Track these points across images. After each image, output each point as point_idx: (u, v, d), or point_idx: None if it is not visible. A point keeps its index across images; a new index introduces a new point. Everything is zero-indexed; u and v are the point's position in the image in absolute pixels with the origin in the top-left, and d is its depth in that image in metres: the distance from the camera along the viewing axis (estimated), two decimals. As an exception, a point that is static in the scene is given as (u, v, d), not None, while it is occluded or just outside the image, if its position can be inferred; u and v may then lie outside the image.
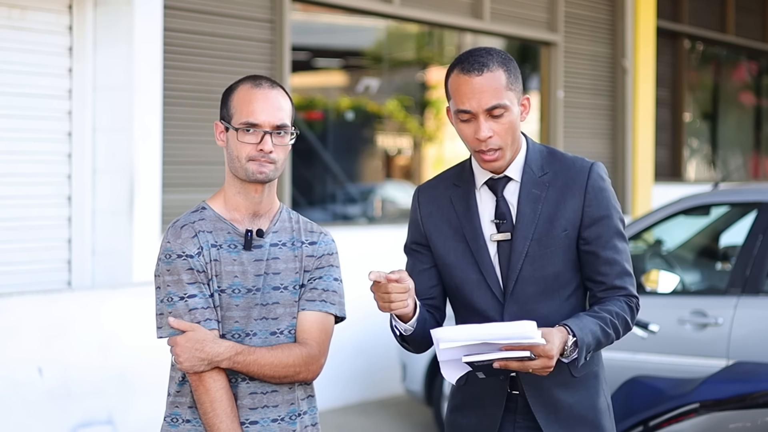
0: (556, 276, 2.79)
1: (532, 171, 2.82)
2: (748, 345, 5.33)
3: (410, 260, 2.94)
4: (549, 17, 9.59)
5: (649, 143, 10.54)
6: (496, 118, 2.72)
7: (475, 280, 2.81)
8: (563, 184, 2.80)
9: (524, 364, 2.58)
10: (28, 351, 5.44)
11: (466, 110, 2.73)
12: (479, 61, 2.72)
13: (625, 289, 2.82)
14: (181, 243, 2.69)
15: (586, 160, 2.85)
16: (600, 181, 2.81)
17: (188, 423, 2.72)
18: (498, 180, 2.83)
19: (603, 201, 2.80)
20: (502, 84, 2.72)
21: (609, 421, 2.89)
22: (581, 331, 2.68)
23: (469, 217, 2.83)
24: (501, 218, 2.81)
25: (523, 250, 2.78)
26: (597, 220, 2.79)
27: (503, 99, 2.71)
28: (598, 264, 2.80)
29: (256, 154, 2.69)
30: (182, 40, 6.69)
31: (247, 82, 2.74)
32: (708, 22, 12.24)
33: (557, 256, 2.79)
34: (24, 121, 5.95)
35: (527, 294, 2.78)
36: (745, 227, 5.84)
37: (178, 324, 2.65)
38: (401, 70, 10.04)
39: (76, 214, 6.15)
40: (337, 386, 7.40)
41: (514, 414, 2.83)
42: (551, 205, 2.79)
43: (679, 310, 5.60)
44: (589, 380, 2.83)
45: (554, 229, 2.78)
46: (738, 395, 4.17)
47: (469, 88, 2.71)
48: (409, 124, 9.83)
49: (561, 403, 2.80)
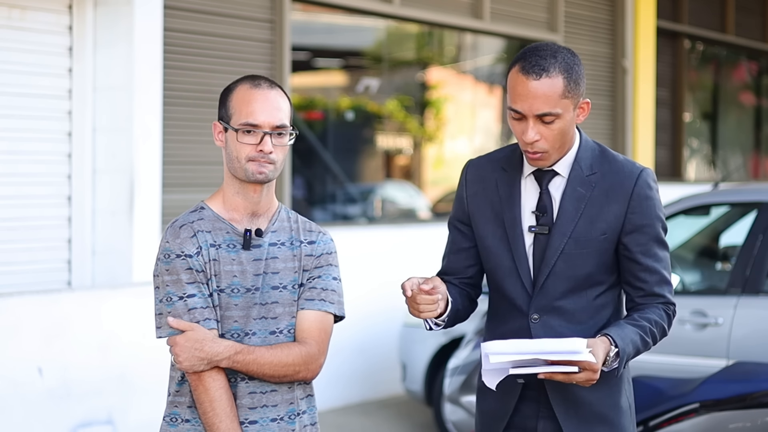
0: (588, 276, 2.79)
1: (580, 168, 2.80)
2: (748, 345, 5.33)
3: (452, 236, 2.96)
4: (549, 17, 9.59)
5: (649, 143, 10.54)
6: (546, 123, 2.70)
7: (508, 267, 2.82)
8: (609, 187, 2.79)
9: (569, 377, 2.60)
10: (28, 351, 5.44)
11: (516, 110, 2.71)
12: (540, 64, 2.67)
13: (663, 297, 2.82)
14: (179, 243, 2.69)
15: (636, 164, 2.82)
16: (647, 188, 2.78)
17: (187, 423, 2.72)
18: (545, 172, 2.82)
19: (647, 209, 2.78)
20: (558, 92, 2.67)
21: (629, 422, 2.88)
22: (623, 342, 2.68)
23: (510, 204, 2.83)
24: (542, 211, 2.80)
25: (559, 246, 2.77)
26: (639, 227, 2.78)
27: (556, 107, 2.68)
28: (637, 270, 2.79)
29: (255, 154, 2.69)
30: (182, 40, 6.69)
31: (245, 83, 2.74)
32: (708, 22, 12.24)
33: (592, 258, 2.78)
34: (24, 121, 5.95)
35: (557, 290, 2.78)
36: (745, 227, 5.84)
37: (178, 324, 2.65)
38: (401, 70, 10.03)
39: (76, 214, 6.15)
40: (337, 386, 7.40)
41: (537, 403, 2.83)
42: (594, 206, 2.78)
43: (679, 310, 5.54)
44: (611, 378, 2.81)
45: (594, 231, 2.77)
46: (738, 395, 4.17)
47: (524, 91, 2.68)
48: (409, 124, 9.83)
49: (581, 399, 2.79)
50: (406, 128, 9.87)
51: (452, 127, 10.23)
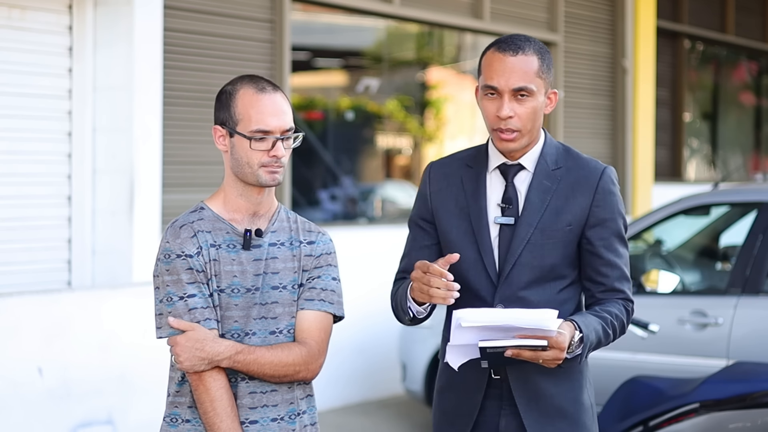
0: (552, 268, 2.83)
1: (546, 163, 2.87)
2: (748, 345, 5.33)
3: (413, 234, 2.99)
4: (549, 17, 9.59)
5: (649, 143, 10.54)
6: (520, 100, 2.78)
7: (472, 259, 2.85)
8: (575, 181, 2.85)
9: (536, 354, 2.62)
10: (28, 351, 5.44)
11: (493, 86, 2.78)
12: (516, 43, 2.80)
13: (623, 293, 2.87)
14: (180, 243, 2.69)
15: (600, 162, 2.90)
16: (611, 184, 2.86)
17: (188, 423, 2.72)
18: (511, 166, 2.88)
19: (611, 204, 2.86)
20: (533, 69, 2.78)
21: (591, 420, 2.91)
22: (587, 329, 2.72)
23: (476, 197, 2.88)
24: (507, 203, 2.86)
25: (525, 236, 2.82)
26: (602, 221, 2.84)
27: (531, 83, 2.77)
28: (599, 265, 2.85)
29: (268, 160, 2.69)
30: (182, 40, 6.69)
31: (248, 86, 2.72)
32: (708, 22, 12.24)
33: (557, 249, 2.83)
34: (24, 121, 5.95)
35: (521, 280, 2.82)
36: (745, 227, 5.84)
37: (178, 324, 2.65)
38: (401, 70, 10.03)
39: (76, 214, 6.15)
40: (337, 386, 7.40)
41: (500, 400, 2.86)
42: (560, 199, 2.84)
43: (679, 310, 5.60)
44: (574, 373, 2.86)
45: (559, 222, 2.83)
46: (738, 395, 4.17)
47: (501, 66, 2.77)
48: (409, 124, 9.83)
49: (543, 391, 2.83)
50: (406, 128, 9.87)
51: (452, 127, 10.23)
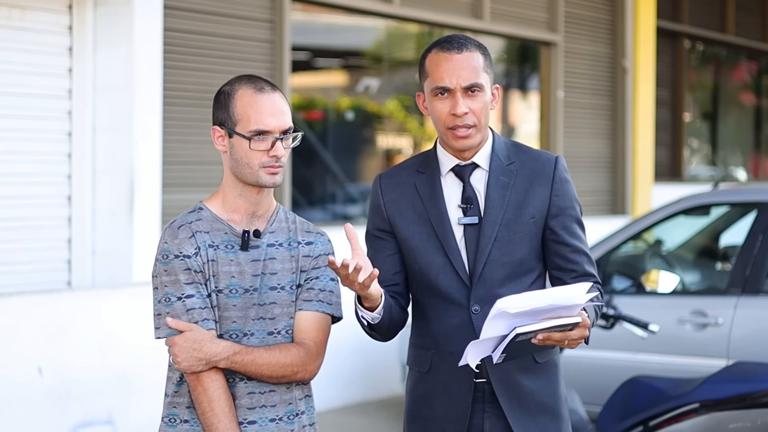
0: (522, 262, 2.84)
1: (499, 159, 2.88)
2: (748, 345, 5.33)
3: (372, 247, 2.95)
4: (549, 17, 9.59)
5: (649, 143, 10.54)
6: (472, 96, 2.79)
7: (441, 263, 2.84)
8: (530, 173, 2.87)
9: (565, 335, 2.59)
10: (28, 351, 5.44)
11: (444, 87, 2.78)
12: (459, 41, 2.82)
13: (594, 276, 2.90)
14: (178, 243, 2.69)
15: (549, 153, 2.92)
16: (565, 173, 2.90)
17: (186, 423, 2.73)
18: (465, 167, 2.88)
19: (567, 192, 2.88)
20: (479, 64, 2.81)
21: (566, 411, 2.95)
22: (588, 309, 2.73)
23: (434, 201, 2.87)
24: (468, 202, 2.85)
25: (492, 234, 2.82)
26: (563, 210, 2.87)
27: (480, 79, 2.80)
28: (567, 252, 2.86)
29: (268, 159, 2.69)
30: (182, 40, 6.70)
31: (246, 87, 2.72)
32: (708, 22, 12.24)
33: (524, 242, 2.84)
34: (24, 121, 5.96)
35: (494, 278, 2.82)
36: (745, 227, 5.84)
37: (176, 324, 2.65)
38: (401, 70, 10.03)
39: (76, 214, 6.15)
40: (337, 386, 7.40)
41: (482, 403, 2.86)
42: (519, 193, 2.85)
43: (679, 310, 5.61)
44: (550, 368, 2.89)
45: (522, 216, 2.84)
46: (738, 395, 4.17)
47: (449, 65, 2.78)
48: (409, 124, 9.83)
49: (523, 388, 2.84)
50: (406, 128, 9.87)
51: (452, 127, 10.21)
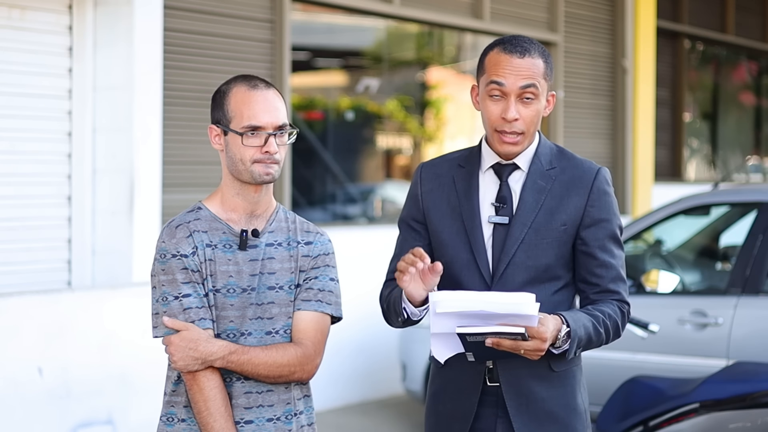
0: (547, 268, 2.80)
1: (540, 163, 2.85)
2: (748, 345, 5.33)
3: (403, 235, 2.95)
4: (549, 17, 9.59)
5: (649, 143, 10.53)
6: (526, 103, 2.76)
7: (465, 259, 2.82)
8: (569, 181, 2.83)
9: (517, 344, 2.58)
10: (28, 351, 5.44)
11: (500, 82, 2.75)
12: (523, 45, 2.78)
13: (618, 294, 2.83)
14: (175, 243, 2.69)
15: (594, 163, 2.88)
16: (605, 185, 2.84)
17: (183, 422, 2.73)
18: (505, 166, 2.85)
19: (605, 204, 2.83)
20: (540, 71, 2.77)
21: (583, 426, 2.86)
22: (575, 324, 2.69)
23: (468, 196, 2.85)
24: (501, 202, 2.83)
25: (519, 236, 2.79)
26: (597, 221, 2.81)
27: (537, 87, 2.76)
28: (593, 266, 2.81)
29: (261, 156, 2.69)
30: (182, 40, 6.69)
31: (240, 85, 2.73)
32: (708, 22, 12.24)
33: (552, 249, 2.80)
34: (24, 121, 5.95)
35: (515, 280, 2.79)
36: (745, 227, 5.84)
37: (173, 323, 2.65)
38: (401, 70, 10.04)
39: (76, 214, 6.15)
40: (337, 386, 7.40)
41: (495, 407, 2.83)
42: (554, 199, 2.81)
43: (679, 310, 5.60)
44: (568, 378, 2.83)
45: (554, 222, 2.80)
46: (738, 395, 4.17)
47: (509, 65, 2.75)
48: (409, 124, 9.83)
49: (534, 395, 2.79)
50: (406, 128, 9.87)
51: (452, 127, 10.23)
